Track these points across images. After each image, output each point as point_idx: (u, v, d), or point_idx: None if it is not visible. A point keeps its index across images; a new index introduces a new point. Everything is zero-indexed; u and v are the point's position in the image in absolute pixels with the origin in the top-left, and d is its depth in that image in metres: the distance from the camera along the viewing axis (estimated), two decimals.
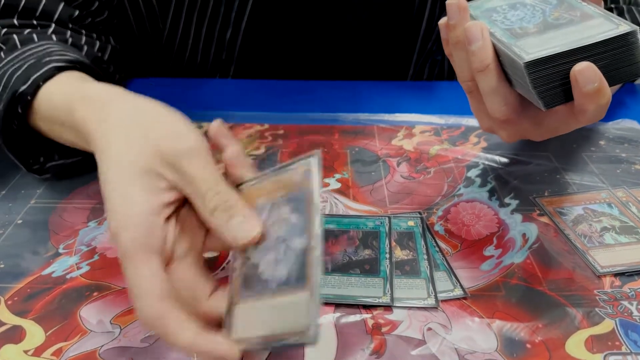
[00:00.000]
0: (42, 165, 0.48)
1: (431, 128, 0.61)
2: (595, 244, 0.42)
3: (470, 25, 0.38)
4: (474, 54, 0.38)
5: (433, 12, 0.68)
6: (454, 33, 0.40)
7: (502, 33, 0.38)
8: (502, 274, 0.40)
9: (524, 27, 0.38)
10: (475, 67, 0.38)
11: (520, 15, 0.40)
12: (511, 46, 0.37)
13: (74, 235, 0.44)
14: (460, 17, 0.40)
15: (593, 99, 0.35)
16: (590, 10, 0.38)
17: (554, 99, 0.36)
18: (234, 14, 0.65)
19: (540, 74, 0.35)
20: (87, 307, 0.37)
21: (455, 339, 0.35)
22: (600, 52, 0.35)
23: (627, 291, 0.38)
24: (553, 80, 0.36)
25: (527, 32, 0.38)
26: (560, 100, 0.36)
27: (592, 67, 0.34)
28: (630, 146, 0.56)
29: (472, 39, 0.38)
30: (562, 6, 0.39)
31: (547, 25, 0.38)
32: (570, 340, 0.34)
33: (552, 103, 0.36)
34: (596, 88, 0.34)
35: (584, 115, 0.37)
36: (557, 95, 0.36)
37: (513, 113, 0.39)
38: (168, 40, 0.68)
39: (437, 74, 0.76)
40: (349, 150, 0.56)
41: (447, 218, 0.46)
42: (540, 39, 0.37)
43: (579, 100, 0.35)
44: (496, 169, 0.53)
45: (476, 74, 0.39)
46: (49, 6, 0.53)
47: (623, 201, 0.47)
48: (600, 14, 0.37)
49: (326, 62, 0.73)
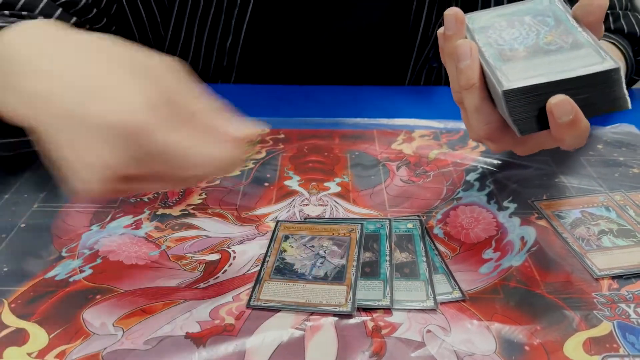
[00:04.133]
0: None
1: (430, 132, 0.61)
2: (593, 247, 0.43)
3: (460, 43, 0.39)
4: (461, 72, 0.39)
5: (429, 20, 0.69)
6: (449, 43, 0.41)
7: (492, 53, 0.39)
8: (501, 277, 0.40)
9: (514, 50, 0.39)
10: (462, 84, 0.39)
11: (515, 35, 0.40)
12: (495, 70, 0.37)
13: (76, 239, 0.44)
14: (456, 28, 0.41)
15: (568, 130, 0.36)
16: (583, 38, 0.38)
17: (530, 126, 0.37)
18: (234, 21, 0.66)
19: (518, 103, 0.36)
20: (90, 310, 0.37)
21: (455, 341, 0.35)
22: (581, 85, 0.36)
23: (624, 294, 0.39)
24: (530, 109, 0.36)
25: (515, 55, 0.38)
26: (536, 128, 0.37)
27: (568, 100, 0.35)
28: (628, 150, 0.57)
29: (460, 57, 0.39)
30: (557, 29, 0.39)
31: (536, 50, 0.38)
32: (568, 343, 0.35)
33: (527, 130, 0.37)
34: (571, 120, 0.35)
35: (562, 142, 0.38)
36: (533, 123, 0.37)
37: (495, 132, 0.39)
38: (170, 49, 0.69)
39: (434, 80, 0.76)
40: (349, 154, 0.57)
41: (446, 221, 0.46)
42: (525, 65, 0.37)
43: (555, 130, 0.36)
44: (495, 173, 0.53)
45: (462, 91, 0.40)
46: (46, 10, 0.53)
47: (621, 205, 0.48)
48: (591, 43, 0.37)
49: (325, 68, 0.73)
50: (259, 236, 0.44)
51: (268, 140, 0.59)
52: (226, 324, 0.36)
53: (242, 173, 0.53)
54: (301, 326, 0.36)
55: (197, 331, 0.35)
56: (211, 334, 0.35)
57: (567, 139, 0.37)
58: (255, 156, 0.56)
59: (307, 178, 0.53)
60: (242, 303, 0.38)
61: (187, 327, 0.36)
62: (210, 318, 0.36)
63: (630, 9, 0.69)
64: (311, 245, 0.42)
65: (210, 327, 0.36)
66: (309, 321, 0.36)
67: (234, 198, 0.49)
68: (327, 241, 0.42)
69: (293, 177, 0.53)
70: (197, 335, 0.35)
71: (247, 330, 0.35)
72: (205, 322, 0.36)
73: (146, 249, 0.43)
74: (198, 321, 0.36)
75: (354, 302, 0.37)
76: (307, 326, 0.36)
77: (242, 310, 0.37)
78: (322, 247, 0.42)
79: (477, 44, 0.40)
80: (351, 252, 0.41)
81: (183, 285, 0.39)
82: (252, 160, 0.55)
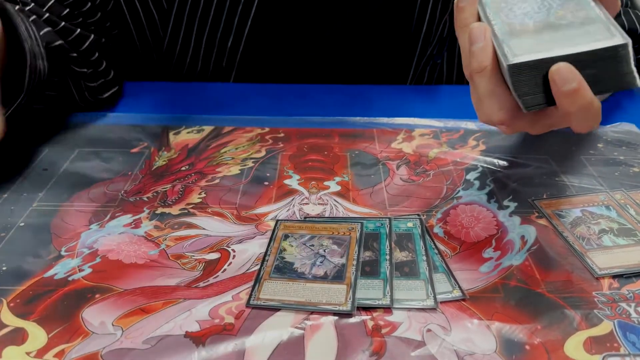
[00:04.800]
0: None
1: (430, 131, 0.61)
2: (594, 246, 0.43)
3: (474, 26, 0.39)
4: (474, 55, 0.38)
5: (433, 16, 0.69)
6: (462, 15, 0.41)
7: (501, 27, 0.39)
8: (501, 276, 0.40)
9: (524, 24, 0.38)
10: (474, 67, 0.39)
11: (527, 9, 0.40)
12: (502, 44, 0.37)
13: (75, 238, 0.44)
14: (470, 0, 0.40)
15: (573, 100, 0.35)
16: (594, 13, 0.38)
17: (536, 101, 0.36)
18: (237, 20, 0.66)
19: (524, 77, 0.36)
20: (89, 309, 0.37)
21: (455, 340, 0.35)
22: (588, 60, 0.35)
23: (625, 293, 0.38)
24: (536, 84, 0.36)
25: (525, 29, 0.38)
26: (542, 103, 0.37)
27: (569, 67, 0.35)
28: (628, 149, 0.57)
29: (474, 40, 0.38)
30: (570, 3, 0.39)
31: (546, 25, 0.38)
32: (569, 342, 0.35)
33: (533, 106, 0.37)
34: (574, 89, 0.34)
35: (569, 118, 0.37)
36: (539, 98, 0.36)
37: (509, 117, 0.39)
38: (168, 48, 0.69)
39: (437, 77, 0.76)
40: (349, 153, 0.57)
41: (446, 220, 0.46)
42: (534, 39, 0.37)
43: (559, 100, 0.36)
44: (495, 172, 0.53)
45: (474, 75, 0.39)
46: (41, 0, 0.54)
47: (621, 204, 0.48)
48: (602, 19, 0.37)
49: (327, 67, 0.73)
50: (259, 235, 0.44)
51: (268, 139, 0.59)
52: (226, 323, 0.36)
53: (242, 172, 0.53)
54: (301, 325, 0.36)
55: (197, 330, 0.35)
56: (211, 333, 0.35)
57: (574, 113, 0.36)
58: (255, 155, 0.56)
59: (307, 177, 0.52)
60: (241, 302, 0.38)
61: (187, 326, 0.36)
62: (209, 317, 0.36)
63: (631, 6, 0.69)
64: (311, 244, 0.42)
65: (209, 326, 0.36)
66: (308, 320, 0.36)
67: (233, 197, 0.49)
68: (327, 240, 0.42)
69: (293, 176, 0.53)
70: (196, 334, 0.35)
71: (247, 330, 0.35)
72: (204, 321, 0.36)
73: (145, 248, 0.43)
74: (197, 320, 0.36)
75: (353, 301, 0.37)
76: (306, 325, 0.36)
77: (242, 309, 0.37)
78: (322, 246, 0.41)
79: (488, 17, 0.40)
80: (351, 251, 0.41)
81: (182, 285, 0.39)
82: (251, 159, 0.55)
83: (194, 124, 0.62)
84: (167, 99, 0.68)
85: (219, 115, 0.64)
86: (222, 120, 0.63)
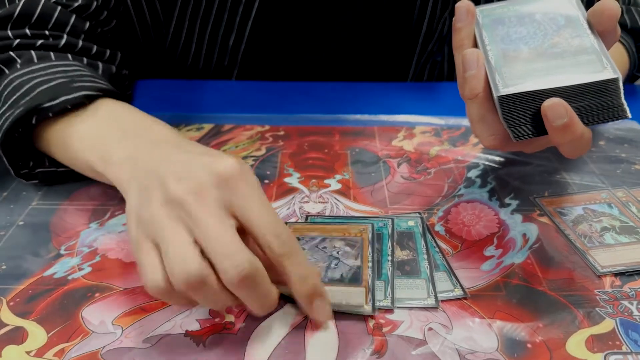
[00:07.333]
0: (31, 170, 0.48)
1: (431, 129, 0.61)
2: (596, 244, 0.43)
3: (468, 52, 0.39)
4: (466, 81, 0.39)
5: (434, 14, 0.69)
6: (459, 36, 0.41)
7: (495, 52, 0.39)
8: (503, 274, 0.40)
9: (517, 50, 0.39)
10: (466, 94, 0.39)
11: (523, 33, 0.40)
12: (494, 72, 0.37)
13: (75, 237, 0.44)
14: (466, 21, 0.41)
15: (564, 134, 0.36)
16: (589, 42, 0.38)
17: (525, 131, 0.37)
18: (238, 19, 0.66)
19: (513, 108, 0.36)
20: (89, 308, 0.37)
21: (456, 339, 0.35)
22: (577, 93, 0.36)
23: (627, 291, 0.38)
24: (525, 114, 0.36)
25: (518, 56, 0.38)
26: (531, 134, 0.37)
27: (561, 103, 0.35)
28: (630, 146, 0.57)
29: (466, 67, 0.39)
30: (566, 30, 0.39)
31: (540, 53, 0.38)
32: (570, 340, 0.34)
33: (522, 135, 0.37)
34: (566, 123, 0.35)
35: (561, 147, 0.38)
36: (528, 128, 0.37)
37: (499, 142, 0.40)
38: (171, 46, 0.69)
39: (437, 75, 0.76)
40: (350, 151, 0.57)
41: (448, 218, 0.46)
42: (526, 68, 0.37)
43: (551, 133, 0.36)
44: (496, 170, 0.53)
45: (466, 101, 0.40)
46: (62, 18, 0.53)
47: (623, 201, 0.47)
48: (596, 49, 0.37)
49: (328, 64, 0.73)
50: None
51: (268, 137, 0.59)
52: (226, 322, 0.36)
53: None
54: (302, 324, 0.36)
55: (197, 329, 0.35)
56: (211, 332, 0.35)
57: (565, 144, 0.37)
58: (255, 153, 0.56)
59: (307, 175, 0.52)
60: None
61: (187, 325, 0.35)
62: (210, 316, 0.36)
63: (633, 4, 0.68)
64: (323, 246, 0.41)
65: (210, 325, 0.35)
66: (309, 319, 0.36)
67: None
68: (339, 242, 0.41)
69: (293, 174, 0.52)
70: (196, 333, 0.35)
71: (247, 329, 0.35)
72: (205, 320, 0.36)
73: None
74: (198, 319, 0.36)
75: (374, 302, 0.37)
76: (307, 324, 0.36)
77: (242, 308, 0.37)
78: (335, 248, 0.41)
79: (484, 40, 0.40)
80: (364, 252, 0.40)
81: None
82: (252, 157, 0.55)
83: (193, 122, 0.62)
84: (166, 97, 0.68)
85: (218, 113, 0.63)
86: (222, 118, 0.63)
